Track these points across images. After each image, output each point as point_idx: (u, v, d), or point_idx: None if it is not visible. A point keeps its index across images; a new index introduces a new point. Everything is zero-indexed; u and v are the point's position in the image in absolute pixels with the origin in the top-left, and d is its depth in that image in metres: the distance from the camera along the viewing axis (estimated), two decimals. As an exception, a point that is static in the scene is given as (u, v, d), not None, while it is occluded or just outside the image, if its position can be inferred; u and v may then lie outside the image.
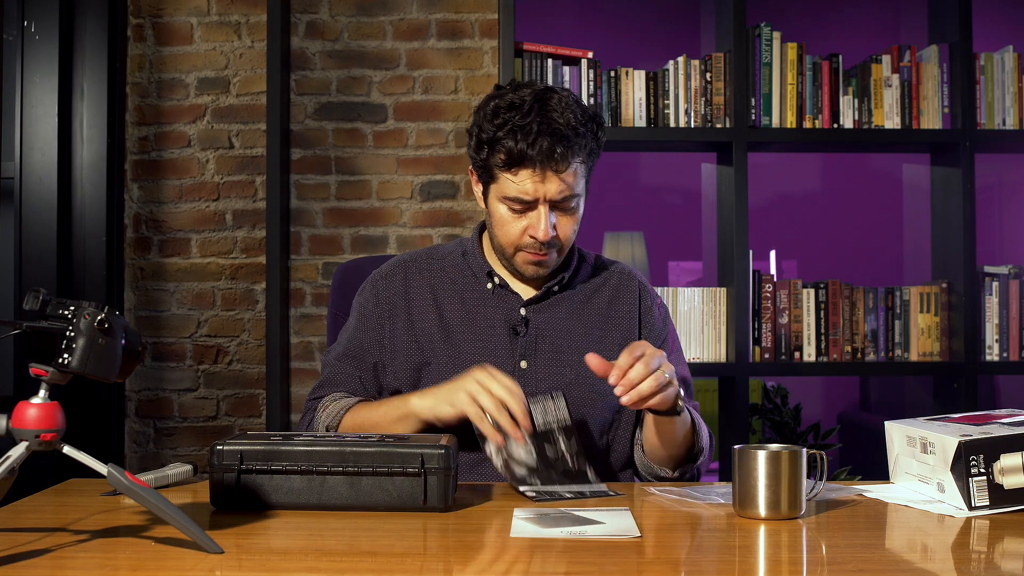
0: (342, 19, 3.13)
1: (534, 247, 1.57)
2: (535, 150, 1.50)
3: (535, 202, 1.54)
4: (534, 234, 1.55)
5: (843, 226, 5.29)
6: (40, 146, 2.95)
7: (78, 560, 1.04)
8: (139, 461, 3.08)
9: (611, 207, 5.16)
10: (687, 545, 1.17)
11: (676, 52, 2.86)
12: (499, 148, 1.53)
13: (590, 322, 1.67)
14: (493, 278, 1.66)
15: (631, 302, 1.71)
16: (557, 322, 1.64)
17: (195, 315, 3.10)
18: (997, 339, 2.80)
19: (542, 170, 1.51)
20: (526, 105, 1.53)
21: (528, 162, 1.51)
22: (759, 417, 3.09)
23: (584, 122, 1.54)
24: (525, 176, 1.52)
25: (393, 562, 1.05)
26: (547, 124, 1.50)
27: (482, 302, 1.65)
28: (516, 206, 1.55)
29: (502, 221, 1.58)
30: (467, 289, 1.67)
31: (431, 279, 1.69)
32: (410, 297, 1.67)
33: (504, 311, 1.64)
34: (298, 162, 3.12)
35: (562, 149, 1.50)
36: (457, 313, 1.64)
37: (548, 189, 1.52)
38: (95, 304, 1.09)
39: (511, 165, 1.53)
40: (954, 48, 2.82)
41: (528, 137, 1.50)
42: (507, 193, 1.55)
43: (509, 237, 1.59)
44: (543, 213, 1.54)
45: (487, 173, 1.58)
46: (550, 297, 1.66)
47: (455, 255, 1.72)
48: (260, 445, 1.27)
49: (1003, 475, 1.27)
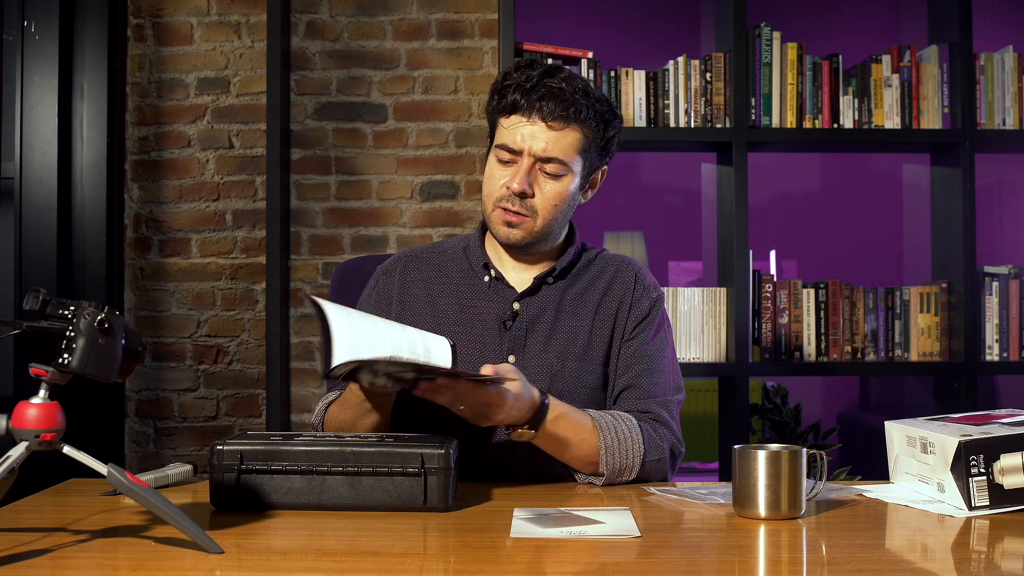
0: (342, 19, 3.13)
1: (508, 201, 1.59)
2: (530, 98, 1.56)
3: (520, 153, 1.57)
4: (509, 183, 1.58)
5: (843, 226, 5.29)
6: (40, 146, 2.95)
7: (78, 560, 1.04)
8: (139, 461, 3.08)
9: (611, 207, 5.16)
10: (687, 545, 1.17)
11: (676, 52, 2.86)
12: (503, 93, 1.60)
13: (582, 313, 1.65)
14: (489, 271, 1.66)
15: (623, 291, 1.68)
16: (547, 314, 1.64)
17: (195, 315, 3.10)
18: (997, 339, 2.80)
19: (531, 116, 1.56)
20: (537, 68, 1.61)
21: (521, 109, 1.57)
22: (759, 417, 3.09)
23: (586, 94, 1.58)
24: (515, 120, 1.58)
25: (393, 562, 1.05)
26: (548, 83, 1.57)
27: (477, 296, 1.65)
28: (504, 156, 1.59)
29: (490, 172, 1.63)
30: (464, 283, 1.67)
31: (427, 273, 1.70)
32: (404, 290, 1.68)
33: (498, 305, 1.64)
34: (298, 162, 3.12)
35: (554, 104, 1.55)
36: (451, 307, 1.65)
37: (535, 141, 1.56)
38: (95, 304, 1.09)
39: (506, 110, 1.59)
40: (954, 48, 2.81)
41: (527, 84, 1.57)
42: (500, 140, 1.60)
43: (490, 189, 1.62)
44: (524, 165, 1.58)
45: (492, 125, 1.65)
46: (543, 289, 1.66)
47: (457, 250, 1.73)
48: (260, 445, 1.27)
49: (1003, 475, 1.27)
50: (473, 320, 1.63)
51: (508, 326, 1.62)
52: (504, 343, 1.61)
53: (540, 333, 1.62)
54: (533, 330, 1.62)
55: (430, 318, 1.64)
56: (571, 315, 1.65)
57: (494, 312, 1.63)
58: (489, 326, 1.63)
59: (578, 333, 1.63)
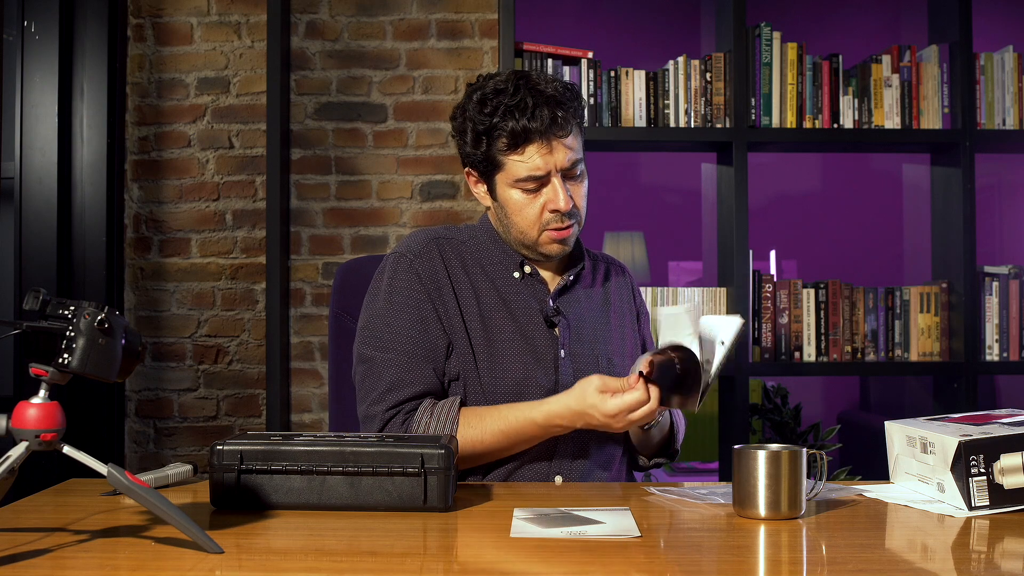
0: (342, 19, 3.13)
1: (557, 221, 1.57)
2: (538, 122, 1.51)
3: (547, 176, 1.55)
4: (555, 207, 1.55)
5: (843, 226, 5.29)
6: (40, 146, 2.95)
7: (78, 560, 1.04)
8: (139, 461, 3.08)
9: (611, 207, 5.16)
10: (687, 545, 1.17)
11: (676, 52, 2.86)
12: (499, 134, 1.54)
13: (605, 313, 1.71)
14: (523, 267, 1.65)
15: (628, 295, 1.79)
16: (581, 313, 1.67)
17: (195, 315, 3.10)
18: (997, 339, 2.80)
19: (547, 141, 1.52)
20: (510, 86, 1.54)
21: (534, 136, 1.52)
22: (759, 417, 3.09)
23: (568, 87, 1.58)
24: (532, 151, 1.53)
25: (393, 562, 1.04)
26: (539, 95, 1.52)
27: (512, 289, 1.64)
28: (530, 185, 1.55)
29: (519, 207, 1.57)
30: (496, 274, 1.64)
31: (464, 257, 1.64)
32: (451, 274, 1.61)
33: (536, 300, 1.63)
34: (298, 162, 3.12)
35: (562, 113, 1.52)
36: (492, 297, 1.62)
37: (557, 159, 1.54)
38: (95, 304, 1.09)
39: (516, 145, 1.53)
40: (954, 48, 2.81)
41: (527, 112, 1.51)
42: (518, 175, 1.55)
43: (529, 219, 1.58)
44: (558, 184, 1.55)
45: (490, 165, 1.58)
46: (572, 288, 1.68)
47: (475, 239, 1.68)
48: (260, 445, 1.27)
49: (1003, 475, 1.27)
50: (517, 314, 1.61)
51: (555, 322, 1.62)
52: (554, 340, 1.61)
53: (580, 330, 1.65)
54: (576, 327, 1.64)
55: (477, 305, 1.60)
56: (597, 312, 1.70)
57: (534, 307, 1.63)
58: (534, 321, 1.61)
59: (607, 330, 1.69)
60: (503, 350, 1.57)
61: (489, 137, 1.55)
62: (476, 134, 1.56)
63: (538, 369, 1.58)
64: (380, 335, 1.57)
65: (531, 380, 1.57)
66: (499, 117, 1.52)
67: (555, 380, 1.59)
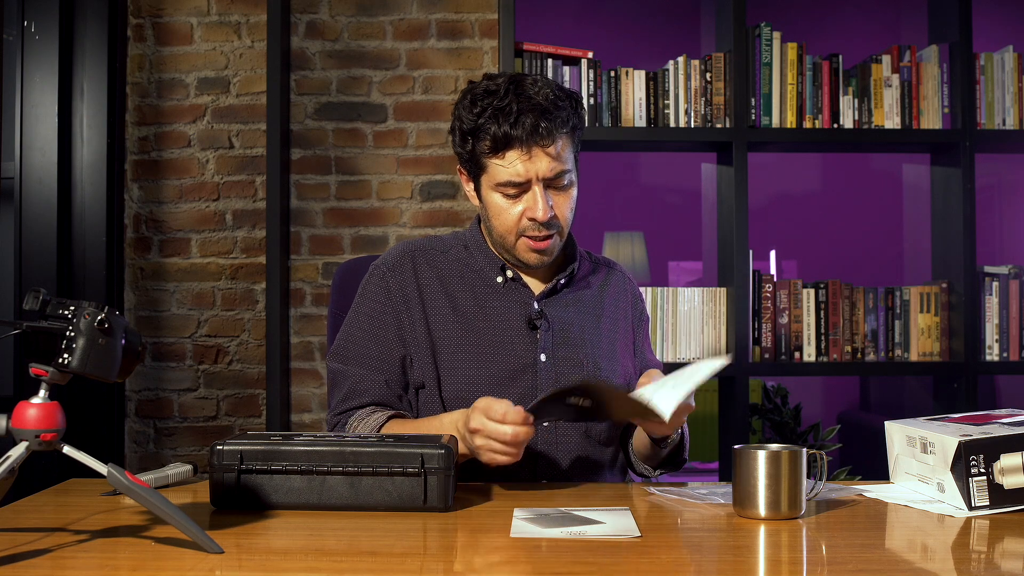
0: (342, 19, 3.13)
1: (535, 230, 1.56)
2: (519, 129, 1.50)
3: (528, 183, 1.53)
4: (532, 215, 1.54)
5: (843, 226, 5.29)
6: (40, 146, 2.95)
7: (78, 560, 1.04)
8: (139, 461, 3.08)
9: (611, 207, 5.16)
10: (687, 545, 1.17)
11: (676, 52, 2.86)
12: (483, 135, 1.53)
13: (596, 317, 1.68)
14: (505, 271, 1.64)
15: (627, 301, 1.77)
16: (569, 316, 1.65)
17: (195, 315, 3.10)
18: (997, 339, 2.80)
19: (528, 148, 1.51)
20: (502, 89, 1.53)
21: (514, 142, 1.51)
22: (759, 417, 3.09)
23: (562, 97, 1.55)
24: (513, 157, 1.52)
25: (393, 562, 1.04)
26: (526, 101, 1.51)
27: (494, 295, 1.63)
28: (510, 191, 1.55)
29: (498, 210, 1.57)
30: (476, 282, 1.65)
31: (439, 269, 1.65)
32: (421, 286, 1.63)
33: (518, 304, 1.63)
34: (298, 162, 3.12)
35: (546, 123, 1.50)
36: (470, 305, 1.62)
37: (539, 167, 1.52)
38: (95, 304, 1.09)
39: (497, 149, 1.52)
40: (954, 48, 2.81)
41: (510, 117, 1.50)
42: (499, 179, 1.54)
43: (507, 224, 1.57)
44: (538, 193, 1.53)
45: (475, 165, 1.58)
46: (560, 291, 1.67)
47: (459, 247, 1.69)
48: (260, 445, 1.27)
49: (1003, 475, 1.27)
50: (497, 319, 1.61)
51: (537, 326, 1.61)
52: (535, 343, 1.60)
53: (566, 334, 1.63)
54: (560, 330, 1.63)
55: (451, 314, 1.61)
56: (588, 316, 1.67)
57: (515, 312, 1.62)
58: (514, 326, 1.61)
59: (598, 335, 1.66)
60: (485, 356, 1.57)
61: (474, 137, 1.55)
62: (463, 133, 1.57)
63: (507, 376, 1.57)
64: (343, 348, 1.65)
65: (499, 388, 1.55)
66: (484, 119, 1.52)
67: (533, 384, 1.58)
